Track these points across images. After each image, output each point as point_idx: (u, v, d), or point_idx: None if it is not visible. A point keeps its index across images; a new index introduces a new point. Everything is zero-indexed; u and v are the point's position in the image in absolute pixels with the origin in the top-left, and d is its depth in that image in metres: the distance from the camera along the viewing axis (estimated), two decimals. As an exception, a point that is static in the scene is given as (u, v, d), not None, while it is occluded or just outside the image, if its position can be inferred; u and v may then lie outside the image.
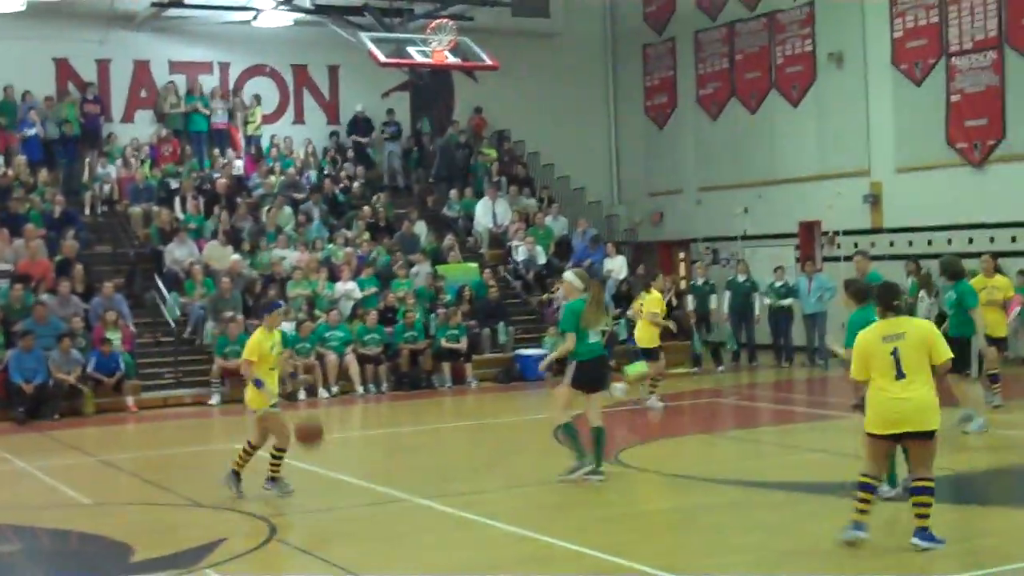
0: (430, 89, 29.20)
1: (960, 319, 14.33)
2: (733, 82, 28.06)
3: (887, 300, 9.06)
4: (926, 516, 8.81)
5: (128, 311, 21.85)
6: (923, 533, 8.80)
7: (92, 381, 20.16)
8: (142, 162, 26.32)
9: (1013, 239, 21.94)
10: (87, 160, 25.91)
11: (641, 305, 18.38)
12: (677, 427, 17.27)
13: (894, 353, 8.78)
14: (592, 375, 12.28)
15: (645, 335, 18.14)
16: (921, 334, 8.93)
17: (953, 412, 13.90)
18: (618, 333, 24.36)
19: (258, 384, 11.92)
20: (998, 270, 16.83)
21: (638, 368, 23.55)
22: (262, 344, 12.04)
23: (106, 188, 25.59)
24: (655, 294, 18.40)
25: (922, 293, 20.72)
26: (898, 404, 8.74)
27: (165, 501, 12.51)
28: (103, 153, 26.27)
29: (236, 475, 12.14)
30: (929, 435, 8.82)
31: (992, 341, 15.11)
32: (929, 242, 23.39)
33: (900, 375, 8.76)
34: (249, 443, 12.25)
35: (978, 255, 22.10)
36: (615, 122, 31.54)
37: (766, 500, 11.54)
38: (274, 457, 12.14)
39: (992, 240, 22.20)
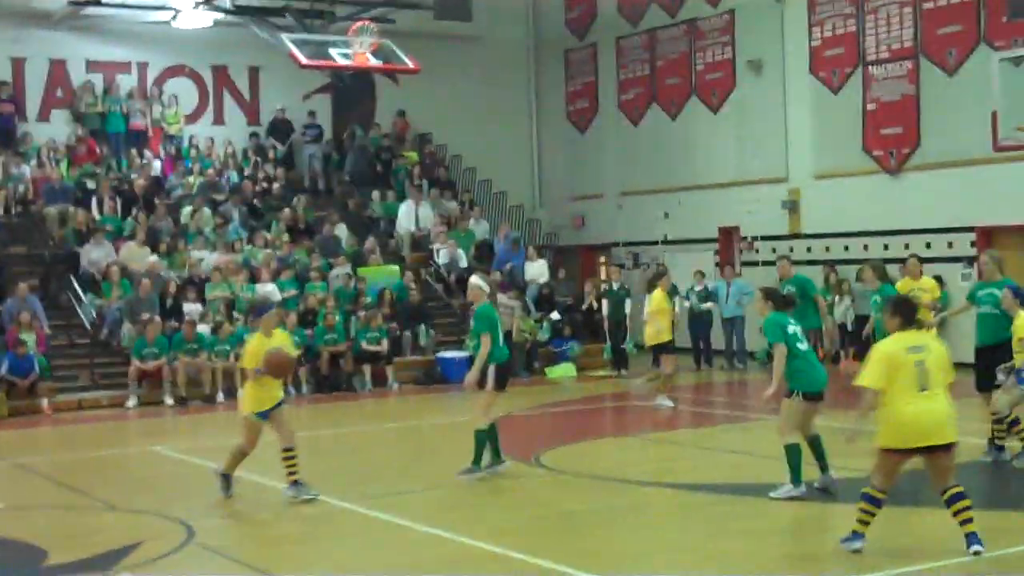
0: (352, 91, 29.07)
1: None
2: (654, 88, 28.26)
3: (909, 314, 9.02)
4: (971, 520, 8.71)
5: (43, 312, 21.50)
6: (975, 537, 8.66)
7: (5, 383, 19.82)
8: (58, 162, 25.93)
9: (928, 245, 22.29)
10: (1, 160, 25.46)
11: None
12: (596, 429, 17.34)
13: (919, 365, 8.73)
14: (506, 376, 12.72)
15: (651, 333, 18.17)
16: (941, 351, 8.93)
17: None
18: (540, 336, 24.45)
19: (259, 372, 11.56)
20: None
21: (560, 370, 23.77)
22: (259, 350, 11.73)
23: (21, 188, 25.17)
24: (658, 293, 18.22)
25: (837, 298, 21.00)
26: (925, 416, 8.63)
27: (80, 504, 12.33)
28: (18, 153, 25.84)
29: (295, 483, 11.81)
30: (951, 446, 8.76)
31: None
32: (846, 248, 23.74)
33: (924, 387, 8.67)
34: (283, 448, 11.89)
35: (895, 261, 22.53)
36: (537, 126, 31.62)
37: (687, 501, 11.63)
38: (233, 455, 11.93)
39: (907, 247, 22.48)
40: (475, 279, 12.97)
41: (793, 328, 11.21)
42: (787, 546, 9.57)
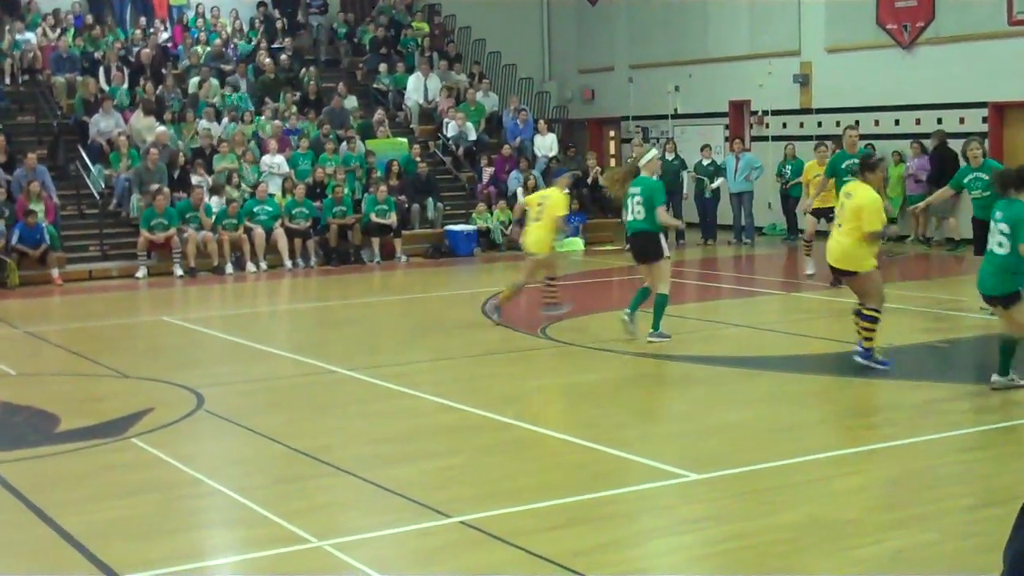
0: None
1: None
2: (667, -42, 27.81)
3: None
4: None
5: (51, 183, 21.54)
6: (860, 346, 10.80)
7: (16, 253, 19.95)
8: (64, 30, 25.74)
9: (939, 121, 22.16)
10: (6, 27, 25.28)
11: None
12: (604, 303, 17.42)
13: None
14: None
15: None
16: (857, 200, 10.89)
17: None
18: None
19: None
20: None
21: (567, 244, 23.87)
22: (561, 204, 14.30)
23: (28, 56, 25.01)
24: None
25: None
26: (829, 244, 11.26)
27: (92, 372, 12.50)
28: (22, 20, 25.63)
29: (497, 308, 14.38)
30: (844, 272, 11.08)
31: None
32: (856, 123, 23.51)
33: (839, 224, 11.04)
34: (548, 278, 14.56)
35: (904, 136, 22.43)
36: (547, -3, 31.25)
37: (689, 373, 11.76)
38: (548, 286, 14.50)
39: (918, 122, 22.43)
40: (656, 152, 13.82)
41: None
42: (786, 416, 9.70)
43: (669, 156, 24.33)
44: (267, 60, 26.30)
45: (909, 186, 22.15)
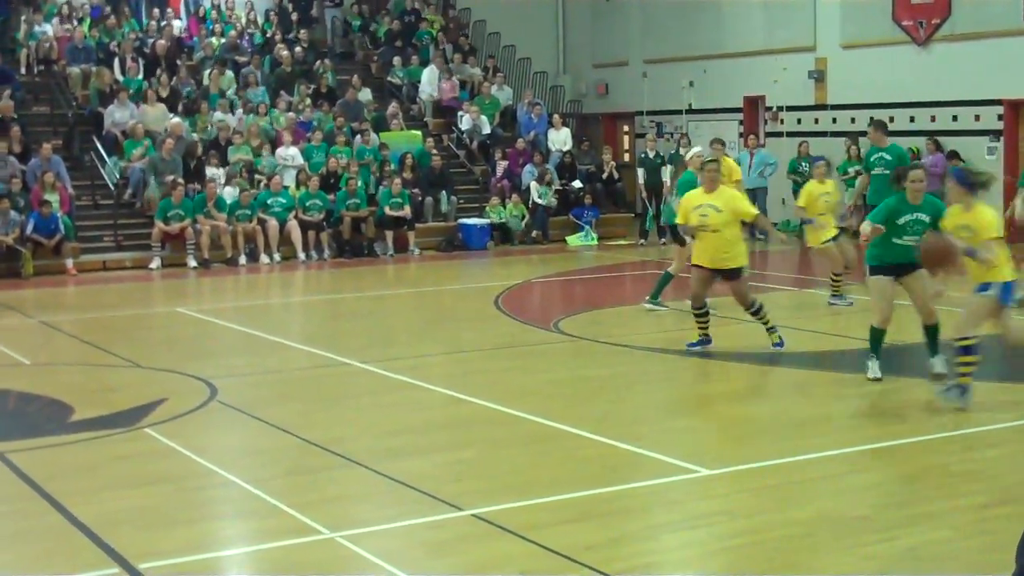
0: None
1: None
2: (682, -47, 27.74)
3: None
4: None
5: (66, 173, 21.59)
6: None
7: (31, 243, 20.01)
8: (80, 21, 25.78)
9: (954, 118, 22.10)
10: (23, 17, 25.33)
11: None
12: (618, 297, 17.43)
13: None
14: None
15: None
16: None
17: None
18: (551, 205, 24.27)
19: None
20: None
21: (580, 238, 23.83)
22: (812, 193, 14.41)
23: (44, 47, 25.04)
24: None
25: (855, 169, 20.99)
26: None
27: (105, 362, 12.52)
28: (38, 10, 25.68)
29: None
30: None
31: None
32: (871, 119, 23.47)
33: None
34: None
35: (918, 134, 22.37)
36: (562, -9, 31.21)
37: (702, 369, 11.76)
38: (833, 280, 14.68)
39: (933, 119, 22.36)
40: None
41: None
42: (798, 413, 9.69)
43: (683, 151, 24.24)
44: (284, 52, 26.29)
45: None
